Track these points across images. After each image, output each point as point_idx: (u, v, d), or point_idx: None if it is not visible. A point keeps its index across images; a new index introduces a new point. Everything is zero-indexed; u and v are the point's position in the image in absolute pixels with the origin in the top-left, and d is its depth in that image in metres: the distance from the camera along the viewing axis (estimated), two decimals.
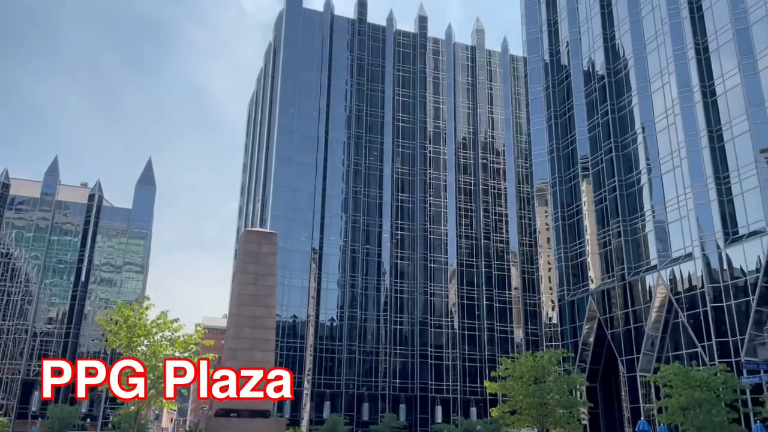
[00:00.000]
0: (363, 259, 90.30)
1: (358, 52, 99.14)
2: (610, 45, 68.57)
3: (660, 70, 60.79)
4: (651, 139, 60.83)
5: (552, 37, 78.38)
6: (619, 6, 67.81)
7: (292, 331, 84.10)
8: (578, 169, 70.11)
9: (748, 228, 49.87)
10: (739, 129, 51.75)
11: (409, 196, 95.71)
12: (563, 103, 74.92)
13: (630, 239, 61.83)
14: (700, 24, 57.11)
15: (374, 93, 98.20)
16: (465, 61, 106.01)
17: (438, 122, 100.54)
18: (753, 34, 51.56)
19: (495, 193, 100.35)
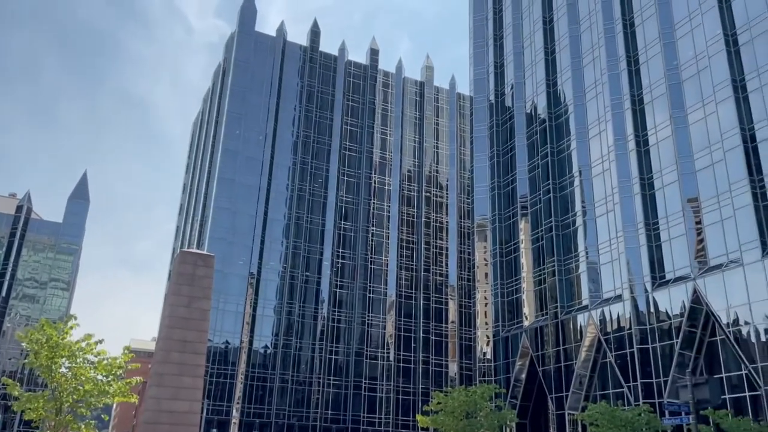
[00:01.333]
0: (301, 286, 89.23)
1: (308, 79, 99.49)
2: (552, 90, 71.30)
3: (598, 118, 63.51)
4: (587, 183, 63.14)
5: (498, 78, 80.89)
6: (562, 54, 70.77)
7: (223, 357, 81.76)
8: (517, 207, 71.89)
9: (675, 273, 52.11)
10: (668, 178, 54.39)
11: (352, 225, 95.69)
12: (506, 143, 77.04)
13: (564, 278, 63.53)
14: (636, 77, 60.19)
15: (322, 120, 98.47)
16: (414, 96, 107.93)
17: (384, 153, 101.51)
18: (684, 90, 54.70)
19: (437, 227, 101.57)
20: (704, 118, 52.05)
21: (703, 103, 52.43)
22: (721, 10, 52.00)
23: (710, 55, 51.96)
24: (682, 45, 55.89)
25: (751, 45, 49.36)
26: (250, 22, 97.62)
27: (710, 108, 51.43)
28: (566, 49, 69.87)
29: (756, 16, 49.19)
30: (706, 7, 53.20)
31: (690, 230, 51.40)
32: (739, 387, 46.16)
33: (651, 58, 58.87)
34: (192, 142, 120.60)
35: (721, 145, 49.47)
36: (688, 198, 52.15)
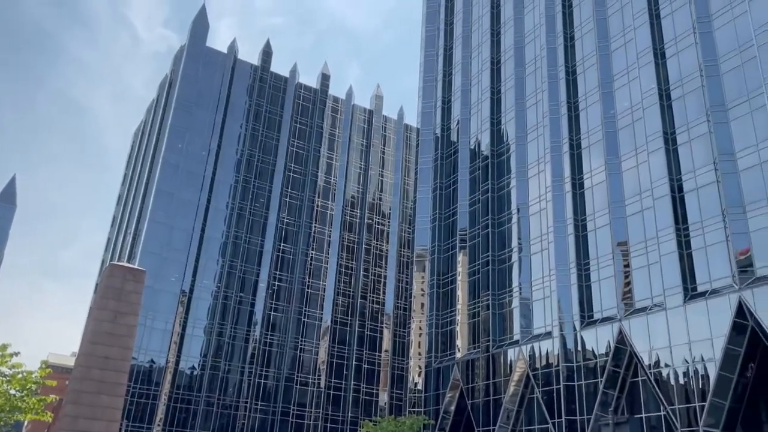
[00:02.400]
0: (235, 307, 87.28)
1: (257, 98, 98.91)
2: (496, 129, 73.36)
3: (538, 159, 65.63)
4: (524, 220, 64.87)
5: (445, 113, 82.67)
6: (507, 95, 73.09)
7: (147, 376, 78.64)
8: (456, 240, 72.99)
9: (602, 314, 53.87)
10: (601, 221, 56.53)
11: (292, 248, 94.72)
12: (449, 176, 78.45)
13: (497, 313, 64.62)
14: (575, 122, 62.72)
15: (269, 140, 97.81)
16: (362, 123, 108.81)
17: (329, 178, 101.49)
18: (619, 138, 57.31)
19: (377, 254, 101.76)
20: (636, 167, 54.57)
21: (636, 152, 55.02)
22: (657, 66, 55.05)
23: (645, 107, 54.77)
24: (619, 95, 58.72)
25: (682, 100, 52.36)
26: (202, 37, 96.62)
27: (642, 157, 54.00)
28: (511, 90, 72.22)
29: (688, 74, 52.31)
30: (643, 62, 56.22)
31: (618, 273, 53.40)
32: (657, 428, 47.76)
33: (590, 106, 61.53)
34: (131, 152, 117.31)
35: (651, 193, 51.91)
36: (618, 242, 54.27)
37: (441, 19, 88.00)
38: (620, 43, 60.15)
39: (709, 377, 43.46)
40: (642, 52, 56.55)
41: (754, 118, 46.00)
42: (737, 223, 44.85)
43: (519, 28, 74.10)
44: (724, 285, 44.76)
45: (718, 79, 49.55)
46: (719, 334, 43.55)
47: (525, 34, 73.32)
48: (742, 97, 47.35)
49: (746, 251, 44.13)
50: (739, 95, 47.57)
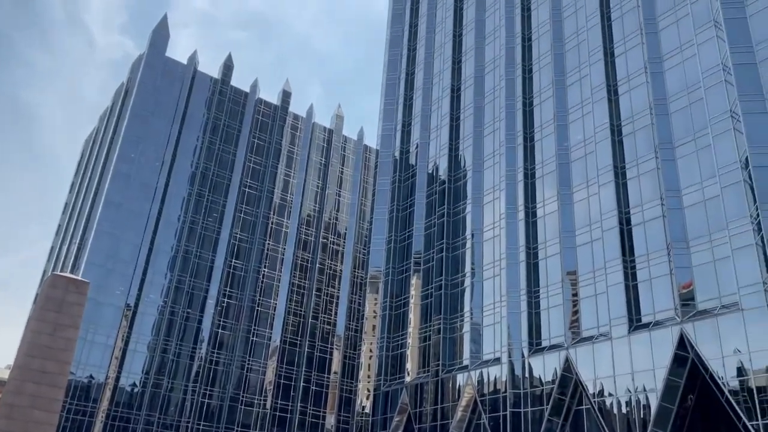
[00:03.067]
0: (181, 323, 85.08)
1: (216, 111, 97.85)
2: (454, 155, 74.36)
3: (493, 186, 66.72)
4: (478, 246, 65.63)
5: (404, 136, 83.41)
6: (465, 122, 74.31)
7: (85, 392, 75.67)
8: (411, 263, 73.22)
9: (550, 341, 54.65)
10: (552, 250, 57.63)
11: (243, 264, 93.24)
12: (406, 199, 78.91)
13: (448, 337, 64.82)
14: (530, 152, 64.11)
15: (225, 154, 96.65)
16: (321, 142, 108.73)
17: (286, 195, 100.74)
18: (572, 170, 58.79)
19: (330, 274, 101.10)
20: (587, 198, 56.02)
21: (587, 184, 56.51)
22: (610, 102, 56.94)
23: (597, 141, 56.43)
24: (573, 129, 60.40)
25: (633, 137, 54.19)
26: (161, 46, 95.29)
27: (593, 189, 55.50)
28: (470, 118, 73.47)
29: (639, 111, 54.25)
30: (597, 98, 58.07)
31: (567, 301, 54.39)
32: None
33: (545, 137, 63.07)
34: (81, 160, 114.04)
35: (601, 225, 53.29)
36: (568, 271, 55.38)
37: (404, 45, 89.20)
38: (575, 78, 62.05)
39: (650, 407, 44.44)
40: (596, 88, 58.44)
41: (699, 156, 47.92)
42: (681, 257, 46.38)
43: (479, 58, 75.71)
44: (667, 317, 46.08)
45: (666, 118, 51.53)
46: (661, 365, 44.68)
47: (485, 65, 74.94)
48: (688, 136, 49.33)
49: (689, 285, 45.62)
50: (686, 134, 49.54)
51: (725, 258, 43.40)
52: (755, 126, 43.16)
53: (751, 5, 46.92)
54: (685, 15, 52.64)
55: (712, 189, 45.86)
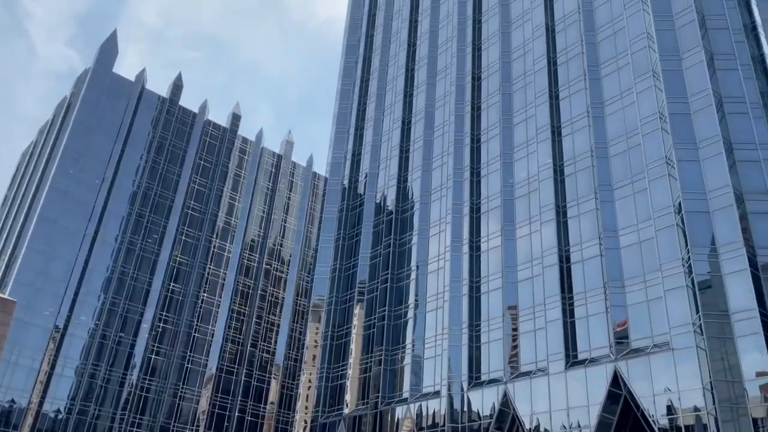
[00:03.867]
0: (113, 348, 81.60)
1: (162, 130, 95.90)
2: (402, 186, 74.88)
3: (439, 219, 67.36)
4: (422, 278, 65.82)
5: (354, 165, 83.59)
6: (415, 154, 75.14)
7: (5, 417, 71.30)
8: (355, 292, 72.71)
9: (489, 375, 54.90)
10: (494, 284, 58.32)
11: (182, 288, 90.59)
12: (353, 228, 78.70)
13: (389, 369, 64.29)
14: (477, 187, 65.19)
15: (170, 175, 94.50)
16: (270, 167, 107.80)
17: (230, 219, 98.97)
18: (516, 207, 60.02)
19: (272, 301, 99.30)
20: (530, 235, 57.16)
21: (530, 221, 57.73)
22: (554, 142, 58.70)
23: (540, 179, 57.89)
24: (518, 166, 61.85)
25: (574, 177, 55.85)
26: (109, 62, 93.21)
27: (535, 226, 56.71)
28: (419, 151, 74.33)
29: (581, 153, 56.05)
30: (542, 138, 59.76)
31: (507, 336, 54.92)
32: None
33: (491, 173, 64.31)
34: (16, 174, 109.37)
35: (541, 261, 54.34)
36: (509, 305, 56.06)
37: (357, 76, 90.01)
38: (522, 118, 63.80)
39: None
40: (541, 128, 60.19)
41: (636, 199, 49.71)
42: (616, 296, 47.66)
43: (431, 93, 77.06)
44: (602, 354, 47.05)
45: (606, 161, 53.40)
46: (595, 402, 45.43)
47: (436, 100, 76.28)
48: (626, 179, 51.19)
49: (623, 323, 46.82)
50: (624, 177, 51.41)
51: (658, 298, 44.83)
52: (688, 173, 45.17)
53: (687, 59, 49.53)
54: (626, 64, 55.09)
55: (647, 231, 47.54)
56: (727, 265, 41.15)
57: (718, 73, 48.32)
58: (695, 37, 49.38)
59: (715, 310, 40.56)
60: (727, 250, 41.53)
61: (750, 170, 44.37)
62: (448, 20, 79.29)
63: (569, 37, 62.09)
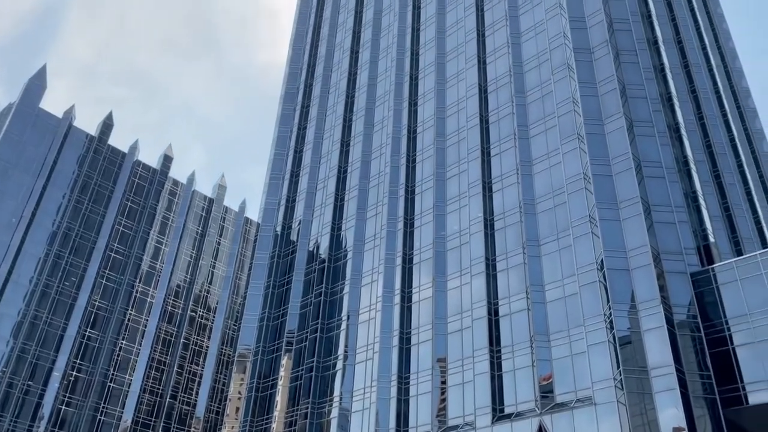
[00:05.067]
0: (19, 398, 75.91)
1: (88, 169, 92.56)
2: (336, 234, 74.66)
3: (372, 268, 67.27)
4: (353, 328, 65.06)
5: (287, 212, 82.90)
6: (350, 203, 75.38)
7: None
8: (283, 342, 70.97)
9: (417, 429, 54.20)
10: (424, 336, 58.28)
11: (99, 335, 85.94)
12: (284, 276, 77.40)
13: (315, 422, 62.50)
14: (410, 238, 65.78)
15: (93, 215, 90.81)
16: (200, 211, 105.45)
17: (155, 263, 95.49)
18: (447, 258, 60.78)
19: (195, 350, 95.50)
20: (460, 287, 57.81)
21: (460, 273, 58.48)
22: (484, 197, 60.27)
23: (471, 233, 59.06)
24: (450, 219, 62.99)
25: (503, 231, 57.31)
26: (36, 97, 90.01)
27: (466, 279, 57.48)
28: (354, 200, 74.65)
29: (510, 209, 57.74)
30: (473, 192, 61.30)
31: (436, 389, 54.65)
32: None
33: (424, 225, 65.16)
34: None
35: (471, 314, 54.88)
36: (438, 358, 56.00)
37: (295, 123, 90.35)
38: (455, 172, 65.38)
39: None
40: (473, 183, 61.79)
41: (561, 255, 51.34)
42: (542, 350, 48.48)
43: (367, 143, 78.10)
44: (527, 408, 47.43)
45: (534, 217, 55.17)
46: None
47: (372, 150, 77.30)
48: (552, 235, 52.92)
49: (548, 377, 47.53)
50: (551, 233, 53.14)
51: (581, 353, 45.92)
52: (610, 231, 47.19)
53: (609, 124, 52.43)
54: (553, 126, 57.76)
55: (572, 286, 48.99)
56: (646, 322, 42.77)
57: (637, 139, 51.32)
58: (616, 104, 52.48)
59: (634, 366, 41.84)
60: (645, 307, 43.23)
61: (666, 231, 46.80)
62: (386, 75, 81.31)
63: (501, 97, 64.74)
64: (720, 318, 43.20)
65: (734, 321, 42.57)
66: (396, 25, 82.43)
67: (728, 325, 42.68)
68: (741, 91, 69.17)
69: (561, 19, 61.57)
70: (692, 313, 43.54)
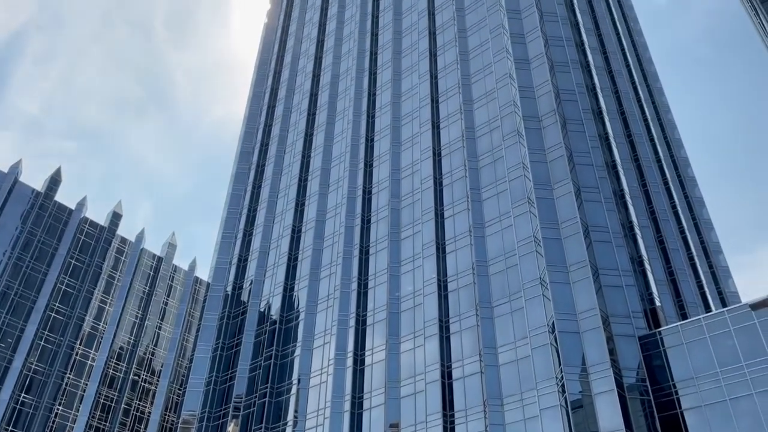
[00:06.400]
0: None
1: (32, 226, 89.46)
2: (288, 295, 73.44)
3: (324, 330, 66.09)
4: (303, 392, 63.19)
5: (239, 271, 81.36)
6: (303, 263, 74.61)
7: None
8: (230, 407, 68.24)
9: None
10: (377, 400, 57.00)
11: (34, 400, 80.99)
12: (233, 337, 75.21)
13: None
14: (364, 298, 65.20)
15: (35, 273, 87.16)
16: (148, 269, 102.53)
17: (98, 324, 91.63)
18: (401, 320, 60.33)
19: (137, 416, 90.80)
20: (413, 349, 57.19)
21: (414, 335, 57.99)
22: (438, 258, 60.64)
23: (425, 294, 59.02)
24: (404, 280, 62.91)
25: (457, 293, 57.46)
26: None
27: (419, 341, 56.99)
28: (308, 260, 73.96)
29: (463, 270, 58.13)
30: (427, 253, 61.65)
31: None
32: None
33: (378, 285, 64.84)
34: None
35: (424, 377, 54.15)
36: (390, 423, 54.65)
37: (249, 182, 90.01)
38: (409, 233, 65.81)
39: None
40: (426, 244, 62.23)
41: (513, 318, 51.64)
42: (495, 414, 47.95)
43: (322, 204, 78.18)
44: None
45: (486, 279, 55.63)
46: None
47: (327, 210, 77.36)
48: (504, 297, 53.33)
49: None
50: (503, 296, 53.56)
51: (534, 417, 45.59)
52: (560, 294, 47.88)
53: (557, 189, 54.04)
54: (504, 190, 59.18)
55: (524, 349, 49.09)
56: (597, 386, 42.98)
57: (584, 204, 52.95)
58: (564, 170, 54.31)
59: (586, 430, 41.70)
60: (596, 371, 43.53)
61: (614, 294, 47.79)
62: (343, 136, 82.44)
63: (454, 161, 66.24)
64: (668, 381, 43.81)
65: (681, 385, 43.22)
66: (353, 89, 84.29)
67: (676, 388, 43.29)
68: (680, 160, 72.71)
69: (511, 89, 64.14)
70: (641, 376, 44.04)
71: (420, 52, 79.05)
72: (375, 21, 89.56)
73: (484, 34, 72.47)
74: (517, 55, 64.72)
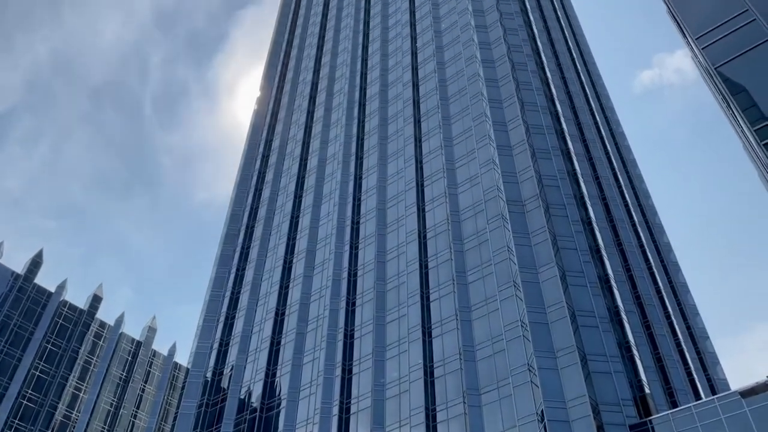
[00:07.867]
0: None
1: (9, 309, 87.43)
2: (270, 381, 71.29)
3: (307, 419, 63.75)
4: None
5: (220, 356, 79.23)
6: (286, 348, 72.97)
7: None
8: None
9: None
10: None
11: None
12: (211, 426, 72.23)
13: None
14: (348, 385, 63.36)
15: (8, 359, 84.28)
16: (126, 354, 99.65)
17: (71, 412, 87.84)
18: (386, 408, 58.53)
19: None
20: None
21: (399, 424, 56.06)
22: (424, 343, 59.64)
23: (411, 380, 57.59)
24: (390, 365, 61.53)
25: (443, 379, 56.15)
26: None
27: (405, 430, 55.03)
28: (291, 344, 72.37)
29: (450, 355, 57.09)
30: (413, 338, 60.68)
31: None
32: None
33: (363, 371, 63.27)
34: None
35: None
36: None
37: (234, 264, 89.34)
38: (395, 317, 65.02)
39: None
40: (412, 328, 61.37)
41: (501, 405, 50.28)
42: None
43: (307, 285, 77.46)
44: None
45: (474, 364, 54.58)
46: None
47: (311, 292, 76.55)
48: (492, 384, 52.14)
49: None
50: (491, 382, 52.38)
51: None
52: (548, 381, 46.95)
53: (543, 273, 54.16)
54: (490, 273, 59.19)
55: None
56: None
57: (570, 288, 52.97)
58: (549, 254, 54.66)
59: None
60: None
61: (603, 381, 46.96)
62: (329, 219, 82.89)
63: (439, 244, 66.52)
64: None
65: None
66: (339, 172, 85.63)
67: None
68: (663, 246, 73.60)
69: (494, 174, 65.52)
70: None
71: (405, 138, 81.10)
72: (362, 108, 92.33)
73: (467, 121, 74.77)
74: (499, 142, 66.58)
